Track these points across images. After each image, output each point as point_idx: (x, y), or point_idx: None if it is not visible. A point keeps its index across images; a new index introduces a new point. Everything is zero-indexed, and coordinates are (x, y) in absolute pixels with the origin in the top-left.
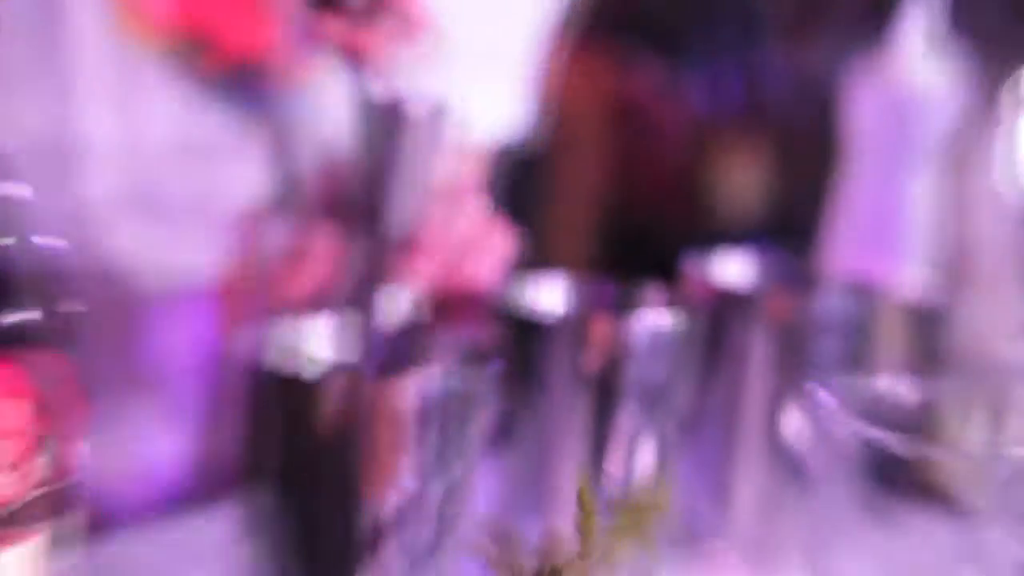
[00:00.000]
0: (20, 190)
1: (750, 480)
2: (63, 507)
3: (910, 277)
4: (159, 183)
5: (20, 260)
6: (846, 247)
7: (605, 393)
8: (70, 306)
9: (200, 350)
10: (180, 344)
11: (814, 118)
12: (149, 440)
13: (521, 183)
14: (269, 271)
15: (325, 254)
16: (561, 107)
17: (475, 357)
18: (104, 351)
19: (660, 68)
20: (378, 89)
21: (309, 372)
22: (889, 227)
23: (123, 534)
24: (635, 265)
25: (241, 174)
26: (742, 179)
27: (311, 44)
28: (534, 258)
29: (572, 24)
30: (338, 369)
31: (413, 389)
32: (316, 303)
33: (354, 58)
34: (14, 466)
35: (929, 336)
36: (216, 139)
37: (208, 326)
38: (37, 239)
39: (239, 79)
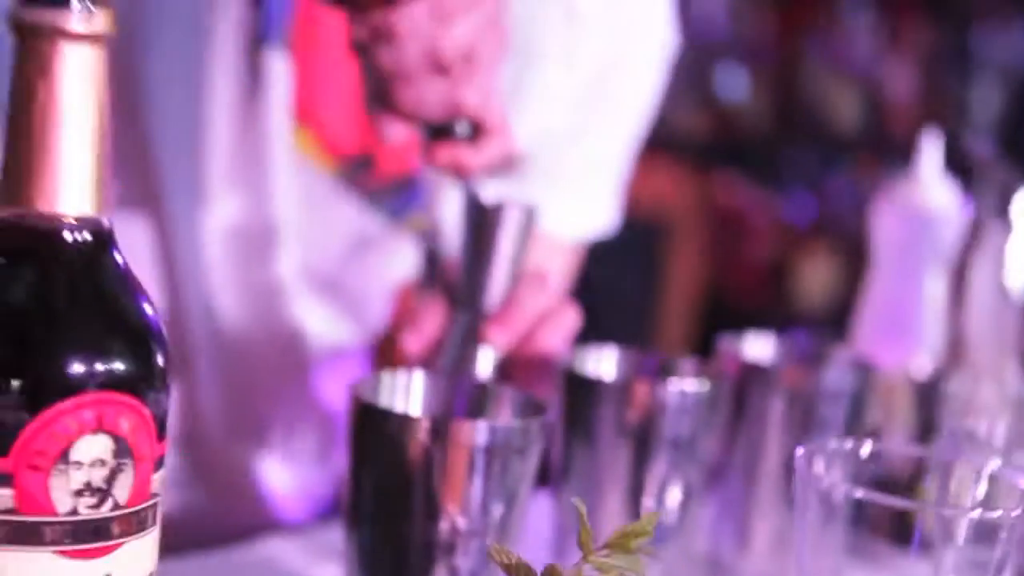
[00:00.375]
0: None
1: (766, 521)
2: (140, 526)
3: (918, 359)
4: (332, 264)
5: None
6: (870, 334)
7: (643, 444)
8: (159, 362)
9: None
10: (339, 391)
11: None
12: (311, 464)
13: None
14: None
15: (435, 322)
16: (673, 214)
17: (531, 409)
18: (280, 396)
19: (755, 187)
20: (481, 195)
21: (405, 415)
22: (905, 319)
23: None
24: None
25: (395, 260)
26: (813, 275)
27: (433, 164)
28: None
29: (684, 149)
30: (427, 414)
31: (482, 433)
32: (424, 361)
33: (461, 173)
34: (97, 490)
35: (926, 407)
36: (375, 232)
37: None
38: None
39: (390, 189)
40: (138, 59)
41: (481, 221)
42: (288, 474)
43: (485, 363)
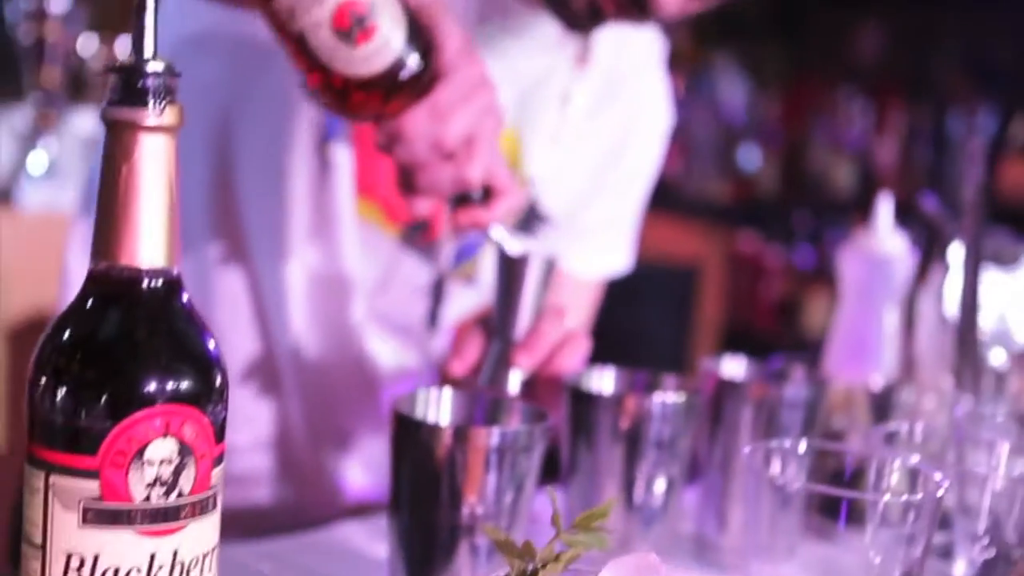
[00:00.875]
0: None
1: (739, 506)
2: (202, 510)
3: (875, 376)
4: (396, 305)
5: (190, 349)
6: (837, 356)
7: (633, 445)
8: (216, 381)
9: None
10: None
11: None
12: (379, 464)
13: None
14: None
15: (475, 350)
16: (702, 262)
17: (535, 417)
18: (354, 409)
19: (768, 241)
20: (509, 248)
21: (434, 425)
22: (865, 343)
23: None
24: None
25: (452, 303)
26: (816, 310)
27: (457, 226)
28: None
29: (711, 210)
30: (451, 424)
31: (494, 437)
32: (467, 380)
33: (481, 228)
34: (165, 482)
35: (880, 414)
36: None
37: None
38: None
39: (435, 244)
40: (234, 148)
41: (509, 269)
42: (360, 472)
43: (514, 382)
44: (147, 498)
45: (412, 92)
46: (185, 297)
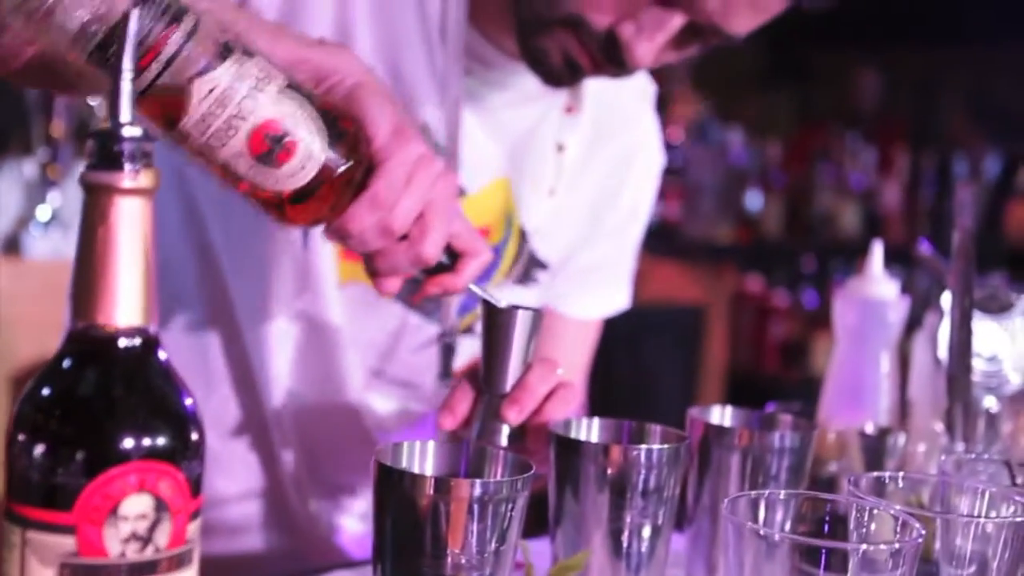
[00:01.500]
0: None
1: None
2: (179, 564)
3: (869, 420)
4: (406, 366)
5: (166, 406)
6: (833, 399)
7: (620, 493)
8: (193, 437)
9: None
10: None
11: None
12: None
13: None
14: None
15: (465, 404)
16: (710, 302)
17: (519, 468)
18: (347, 459)
19: (773, 283)
20: (495, 303)
21: (416, 474)
22: (860, 387)
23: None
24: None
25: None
26: (822, 349)
27: (428, 296)
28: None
29: (720, 252)
30: (433, 474)
31: (477, 488)
32: (457, 434)
33: (451, 293)
34: (141, 538)
35: (873, 458)
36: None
37: None
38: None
39: (435, 299)
40: (208, 219)
41: (495, 322)
42: (357, 522)
43: (505, 435)
44: (123, 554)
45: (348, 191)
46: (162, 355)
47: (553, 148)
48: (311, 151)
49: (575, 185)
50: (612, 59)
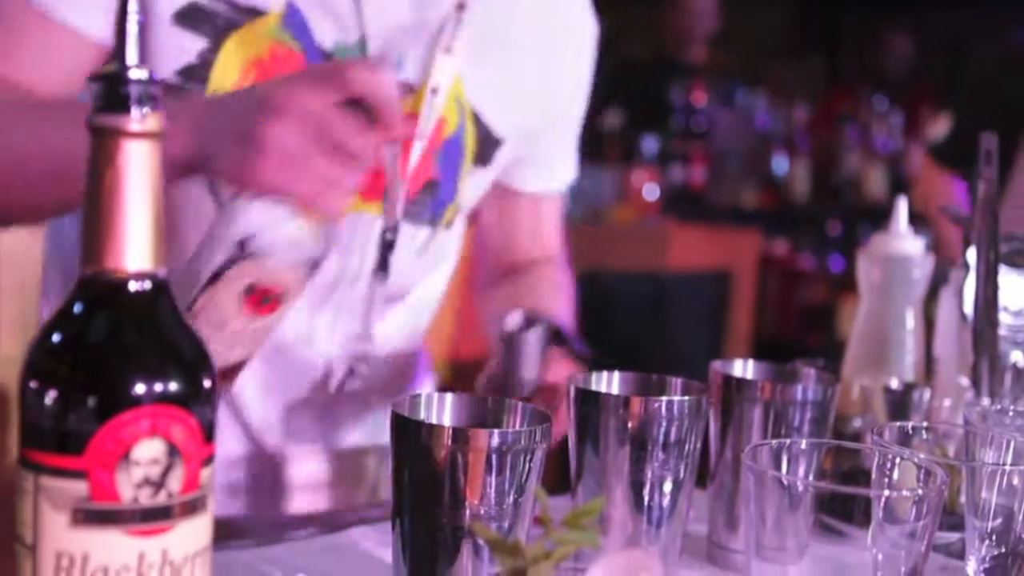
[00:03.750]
0: None
1: None
2: (192, 510)
3: (894, 375)
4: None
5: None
6: (858, 355)
7: (640, 446)
8: (204, 382)
9: None
10: None
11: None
12: None
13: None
14: None
15: None
16: (737, 267)
17: (537, 418)
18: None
19: (800, 247)
20: (510, 322)
21: (434, 425)
22: (884, 343)
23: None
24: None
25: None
26: (849, 312)
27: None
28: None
29: (747, 217)
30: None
31: (495, 438)
32: None
33: (401, 137)
34: (154, 482)
35: (899, 412)
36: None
37: None
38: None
39: (420, 199)
40: None
41: (511, 346)
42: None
43: None
44: (135, 498)
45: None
46: (173, 299)
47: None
48: None
49: (491, 47)
50: None
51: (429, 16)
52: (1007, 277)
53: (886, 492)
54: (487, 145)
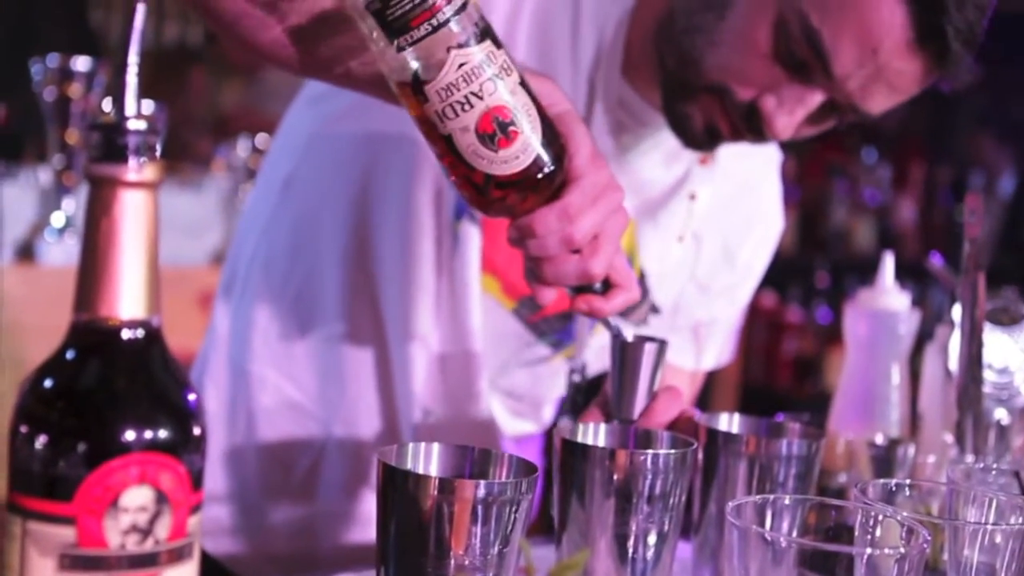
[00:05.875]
0: None
1: None
2: (179, 557)
3: (879, 431)
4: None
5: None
6: (844, 410)
7: (625, 498)
8: (194, 431)
9: None
10: None
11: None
12: None
13: None
14: None
15: None
16: None
17: (523, 470)
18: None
19: (786, 300)
20: (625, 335)
21: (421, 475)
22: (870, 399)
23: None
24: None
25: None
26: (836, 364)
27: (576, 310)
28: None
29: None
30: (437, 475)
31: (480, 489)
32: None
33: (596, 316)
34: (141, 530)
35: (882, 469)
36: (544, 355)
37: None
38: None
39: (552, 324)
40: (372, 223)
41: (626, 354)
42: None
43: None
44: (123, 545)
45: (545, 192)
46: (165, 348)
47: (687, 197)
48: (528, 145)
49: (700, 235)
50: (752, 129)
51: None
52: (992, 335)
53: (868, 550)
54: (645, 308)
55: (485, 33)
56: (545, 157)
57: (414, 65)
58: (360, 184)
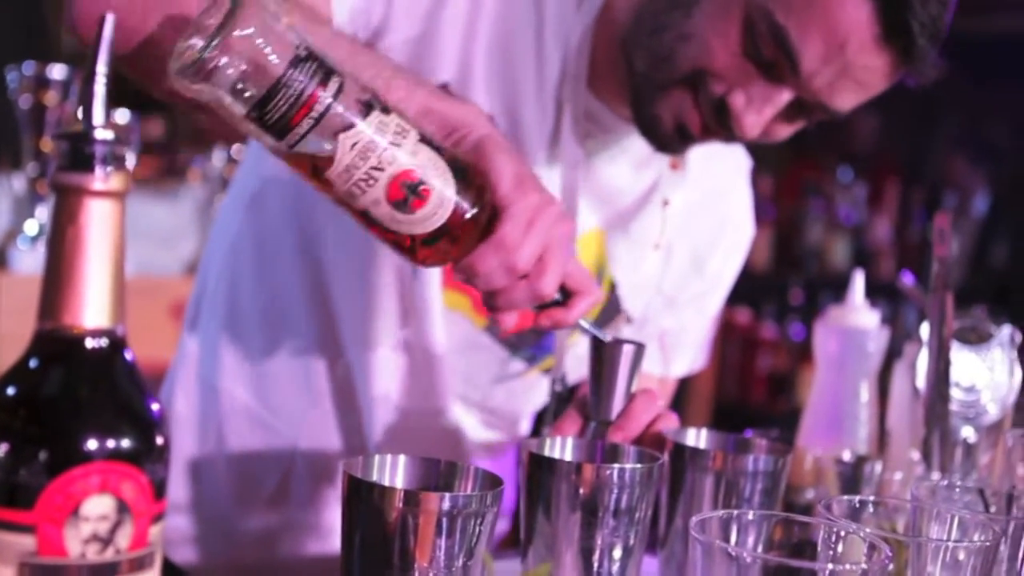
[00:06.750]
0: None
1: None
2: (139, 567)
3: (847, 447)
4: (482, 391)
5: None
6: (813, 428)
7: (591, 512)
8: (157, 440)
9: None
10: None
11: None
12: None
13: None
14: None
15: (572, 431)
16: None
17: (489, 483)
18: None
19: (761, 317)
20: (602, 337)
21: (386, 487)
22: (839, 416)
23: None
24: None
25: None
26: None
27: (540, 327)
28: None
29: None
30: (402, 487)
31: (445, 501)
32: None
33: (560, 327)
34: (102, 539)
35: (849, 486)
36: (517, 369)
37: None
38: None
39: (526, 339)
40: (322, 248)
41: (604, 356)
42: None
43: None
44: (83, 554)
45: (475, 235)
46: (129, 356)
47: (659, 204)
48: (443, 197)
49: (670, 244)
50: (722, 124)
51: None
52: (960, 353)
53: (830, 566)
54: (615, 317)
55: (369, 105)
56: (464, 204)
57: (308, 158)
58: (322, 203)
